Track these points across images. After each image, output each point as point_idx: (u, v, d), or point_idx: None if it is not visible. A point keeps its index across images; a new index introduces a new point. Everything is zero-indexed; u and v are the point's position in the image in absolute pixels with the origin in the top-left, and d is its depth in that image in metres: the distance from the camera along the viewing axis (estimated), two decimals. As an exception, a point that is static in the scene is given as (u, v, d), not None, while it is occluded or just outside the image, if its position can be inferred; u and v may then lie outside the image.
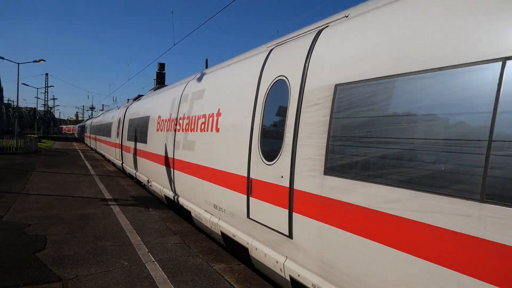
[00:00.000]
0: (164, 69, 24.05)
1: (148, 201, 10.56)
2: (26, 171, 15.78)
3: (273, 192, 4.58)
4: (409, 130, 2.92)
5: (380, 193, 3.11)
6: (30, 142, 28.01)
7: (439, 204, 2.64)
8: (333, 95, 3.72)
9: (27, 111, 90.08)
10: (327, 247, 3.72)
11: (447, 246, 2.57)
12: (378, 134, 3.18)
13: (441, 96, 2.73)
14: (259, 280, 5.17)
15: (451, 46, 2.73)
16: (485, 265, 2.34)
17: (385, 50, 3.26)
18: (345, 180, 3.46)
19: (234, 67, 6.60)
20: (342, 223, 3.50)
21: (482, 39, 2.54)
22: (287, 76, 4.61)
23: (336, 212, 3.57)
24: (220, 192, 6.13)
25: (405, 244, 2.89)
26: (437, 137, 2.72)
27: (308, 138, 4.02)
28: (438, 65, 2.78)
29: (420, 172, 2.81)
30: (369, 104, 3.31)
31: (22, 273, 4.92)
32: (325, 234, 3.71)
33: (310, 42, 4.39)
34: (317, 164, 3.84)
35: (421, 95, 2.87)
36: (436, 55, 2.82)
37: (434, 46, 2.85)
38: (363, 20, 3.73)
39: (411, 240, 2.83)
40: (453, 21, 2.77)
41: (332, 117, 3.70)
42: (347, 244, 3.45)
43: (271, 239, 4.70)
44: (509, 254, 2.23)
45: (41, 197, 10.12)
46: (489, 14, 2.55)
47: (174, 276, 5.10)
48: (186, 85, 8.89)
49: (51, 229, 7.05)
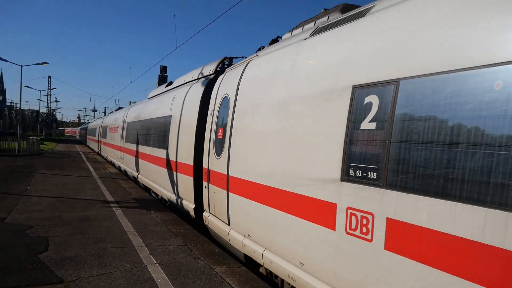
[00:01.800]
0: (166, 72, 24.13)
1: (150, 204, 10.58)
2: (29, 173, 15.84)
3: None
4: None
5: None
6: (33, 144, 28.12)
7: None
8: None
9: (29, 113, 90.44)
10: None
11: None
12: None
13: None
14: (260, 282, 5.17)
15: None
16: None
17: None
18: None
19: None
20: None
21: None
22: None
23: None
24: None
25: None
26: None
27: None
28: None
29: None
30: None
31: (24, 275, 4.93)
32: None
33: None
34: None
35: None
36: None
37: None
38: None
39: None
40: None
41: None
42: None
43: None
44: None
45: (43, 199, 10.15)
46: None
47: (175, 278, 5.11)
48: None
49: (53, 231, 7.08)
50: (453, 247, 2.45)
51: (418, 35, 2.95)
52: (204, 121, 7.48)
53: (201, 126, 7.57)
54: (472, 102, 2.45)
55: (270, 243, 4.74)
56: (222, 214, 6.27)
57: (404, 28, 3.11)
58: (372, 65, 3.32)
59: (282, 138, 4.51)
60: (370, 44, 3.42)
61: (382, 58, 3.23)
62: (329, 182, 3.60)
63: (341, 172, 3.45)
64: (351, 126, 3.39)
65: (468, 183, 2.39)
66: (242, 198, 5.46)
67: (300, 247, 4.08)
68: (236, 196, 5.65)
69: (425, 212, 2.65)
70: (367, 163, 3.19)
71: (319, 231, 3.71)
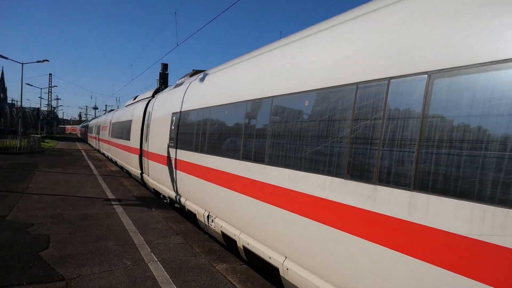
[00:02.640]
0: (167, 70, 24.06)
1: (151, 201, 10.59)
2: (30, 171, 15.87)
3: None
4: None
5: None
6: (34, 142, 28.13)
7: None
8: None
9: (30, 111, 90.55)
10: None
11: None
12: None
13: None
14: (261, 280, 5.17)
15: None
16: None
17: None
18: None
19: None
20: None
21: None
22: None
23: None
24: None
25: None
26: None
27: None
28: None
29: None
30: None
31: (25, 272, 4.95)
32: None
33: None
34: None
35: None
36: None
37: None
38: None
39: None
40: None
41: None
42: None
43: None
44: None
45: (44, 197, 10.17)
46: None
47: (176, 276, 5.12)
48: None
49: (54, 229, 7.09)
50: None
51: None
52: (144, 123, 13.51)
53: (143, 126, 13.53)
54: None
55: (163, 183, 10.60)
56: (147, 171, 12.54)
57: (171, 96, 8.86)
58: (179, 105, 9.35)
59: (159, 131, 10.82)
60: (178, 96, 9.68)
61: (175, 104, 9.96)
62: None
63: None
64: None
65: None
66: (150, 161, 11.90)
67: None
68: (148, 160, 12.16)
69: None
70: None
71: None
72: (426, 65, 2.77)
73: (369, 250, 3.13)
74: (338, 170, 3.53)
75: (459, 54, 2.54)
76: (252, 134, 5.23)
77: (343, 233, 3.41)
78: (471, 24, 2.55)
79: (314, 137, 3.94)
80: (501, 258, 2.20)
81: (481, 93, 2.40)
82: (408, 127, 2.85)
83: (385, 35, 3.30)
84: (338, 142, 3.57)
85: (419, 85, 2.81)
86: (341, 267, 3.49)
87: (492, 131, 2.32)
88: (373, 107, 3.21)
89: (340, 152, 3.53)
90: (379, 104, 3.14)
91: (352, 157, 3.37)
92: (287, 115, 4.47)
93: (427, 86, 2.74)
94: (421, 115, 2.75)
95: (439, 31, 2.75)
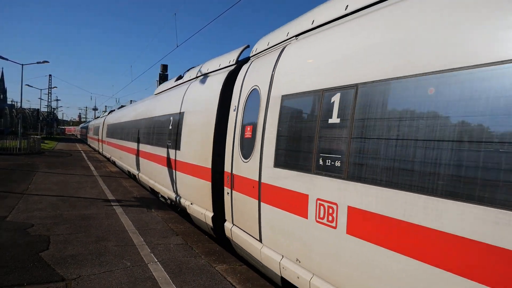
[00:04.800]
0: (167, 71, 24.05)
1: (151, 202, 10.59)
2: (30, 171, 15.87)
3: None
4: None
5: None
6: (33, 143, 28.15)
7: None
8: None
9: (30, 112, 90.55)
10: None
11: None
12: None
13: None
14: (261, 280, 5.18)
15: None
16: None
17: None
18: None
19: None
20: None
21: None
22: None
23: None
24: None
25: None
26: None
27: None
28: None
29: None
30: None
31: (25, 273, 4.96)
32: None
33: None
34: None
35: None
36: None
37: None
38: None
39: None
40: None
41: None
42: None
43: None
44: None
45: (44, 198, 10.18)
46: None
47: (176, 276, 5.13)
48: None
49: (55, 229, 7.10)
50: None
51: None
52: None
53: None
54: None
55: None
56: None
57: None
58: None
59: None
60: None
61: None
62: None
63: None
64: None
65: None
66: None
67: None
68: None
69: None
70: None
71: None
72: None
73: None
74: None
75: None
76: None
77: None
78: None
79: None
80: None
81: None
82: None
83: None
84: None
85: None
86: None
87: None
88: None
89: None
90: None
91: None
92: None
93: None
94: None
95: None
